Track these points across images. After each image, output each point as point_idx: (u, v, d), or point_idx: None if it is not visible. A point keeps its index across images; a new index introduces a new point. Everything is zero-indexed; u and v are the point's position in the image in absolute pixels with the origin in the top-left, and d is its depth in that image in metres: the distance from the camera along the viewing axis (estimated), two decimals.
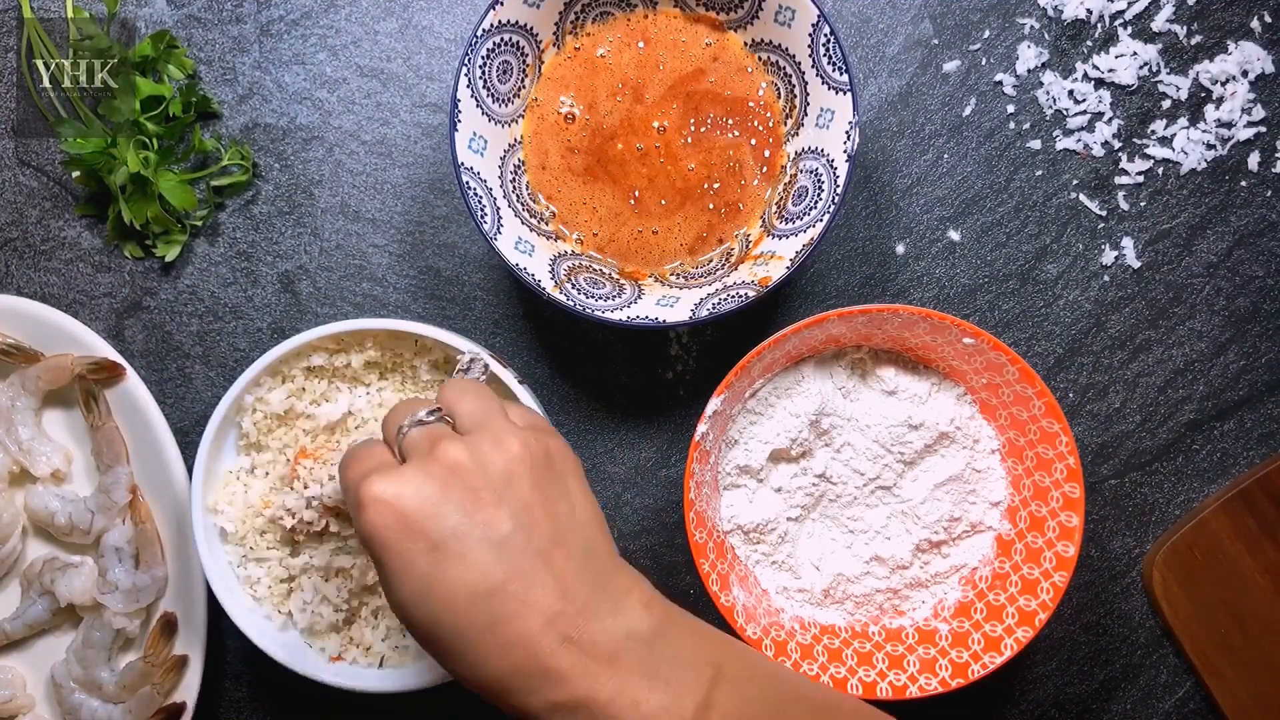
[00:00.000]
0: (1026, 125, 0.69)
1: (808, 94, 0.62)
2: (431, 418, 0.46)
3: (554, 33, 0.64)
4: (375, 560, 0.43)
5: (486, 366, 0.59)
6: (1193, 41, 0.69)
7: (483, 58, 0.60)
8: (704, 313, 0.60)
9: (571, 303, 0.60)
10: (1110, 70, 0.69)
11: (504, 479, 0.43)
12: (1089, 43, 0.69)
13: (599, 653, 0.41)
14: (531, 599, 0.41)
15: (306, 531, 0.61)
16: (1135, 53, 0.69)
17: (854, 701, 0.50)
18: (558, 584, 0.42)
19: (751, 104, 0.64)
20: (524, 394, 0.60)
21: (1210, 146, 0.69)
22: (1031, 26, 0.69)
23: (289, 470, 0.62)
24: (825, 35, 0.60)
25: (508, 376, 0.60)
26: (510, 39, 0.61)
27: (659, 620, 0.43)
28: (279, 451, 0.63)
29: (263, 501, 0.62)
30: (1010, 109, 0.69)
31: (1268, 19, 0.69)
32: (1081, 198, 0.69)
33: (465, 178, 0.60)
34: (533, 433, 0.45)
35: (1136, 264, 0.69)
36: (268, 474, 0.64)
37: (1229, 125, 0.69)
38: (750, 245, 0.64)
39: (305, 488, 0.61)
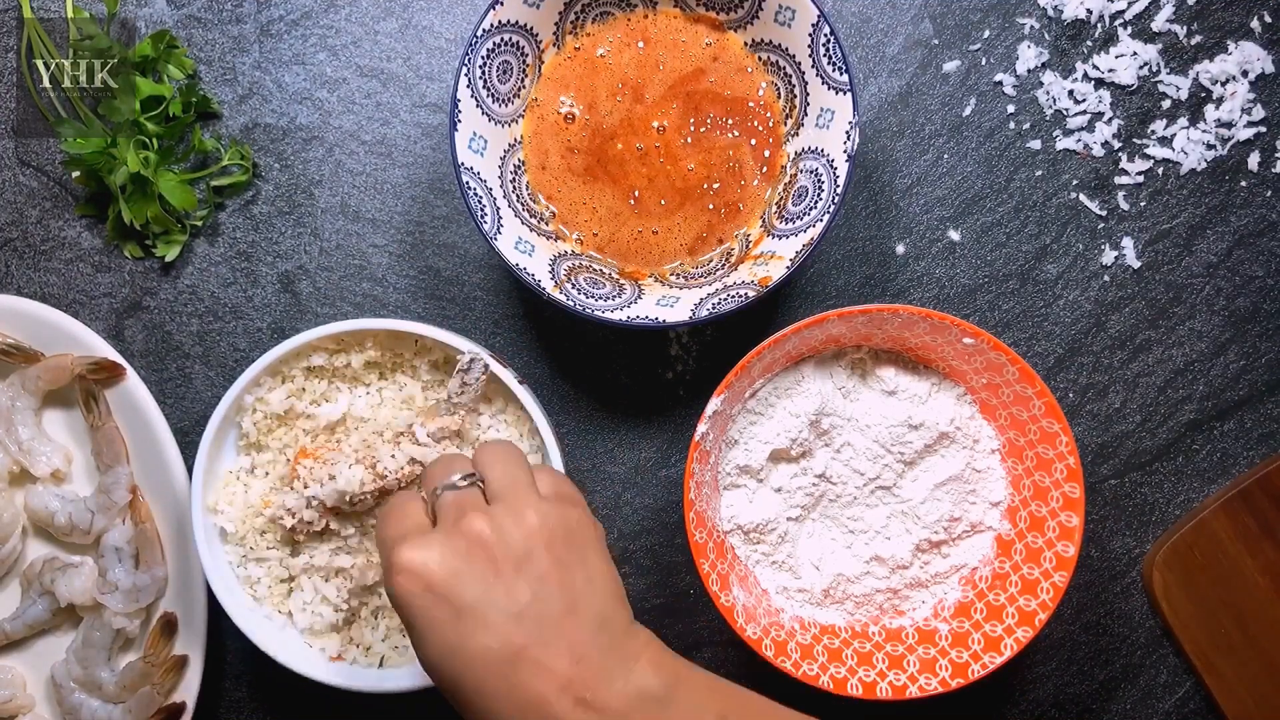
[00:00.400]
0: (1026, 125, 0.69)
1: (808, 94, 0.62)
2: (464, 482, 0.49)
3: (554, 33, 0.64)
4: (404, 621, 0.46)
5: (486, 366, 0.59)
6: (1193, 41, 0.69)
7: (483, 58, 0.60)
8: (704, 313, 0.60)
9: (571, 303, 0.60)
10: (1110, 70, 0.69)
11: (523, 552, 0.46)
12: (1089, 43, 0.69)
13: (611, 713, 0.44)
14: (546, 664, 0.44)
15: (306, 531, 0.62)
16: (1135, 53, 0.69)
17: None
18: (571, 651, 0.44)
19: (751, 104, 0.64)
20: (524, 394, 0.60)
21: (1210, 146, 0.69)
22: (1031, 26, 0.69)
23: (289, 470, 0.62)
24: (825, 35, 0.60)
25: (508, 376, 0.60)
26: (510, 39, 0.61)
27: (669, 678, 0.46)
28: (279, 451, 0.63)
29: (263, 501, 0.63)
30: (1010, 109, 0.69)
31: (1268, 19, 0.69)
32: (1081, 198, 0.69)
33: (465, 178, 0.60)
34: (556, 505, 0.48)
35: (1136, 264, 0.69)
36: (268, 474, 0.64)
37: (1229, 125, 0.69)
38: (750, 245, 0.64)
39: (305, 487, 0.61)
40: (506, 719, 0.44)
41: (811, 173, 0.62)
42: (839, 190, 0.60)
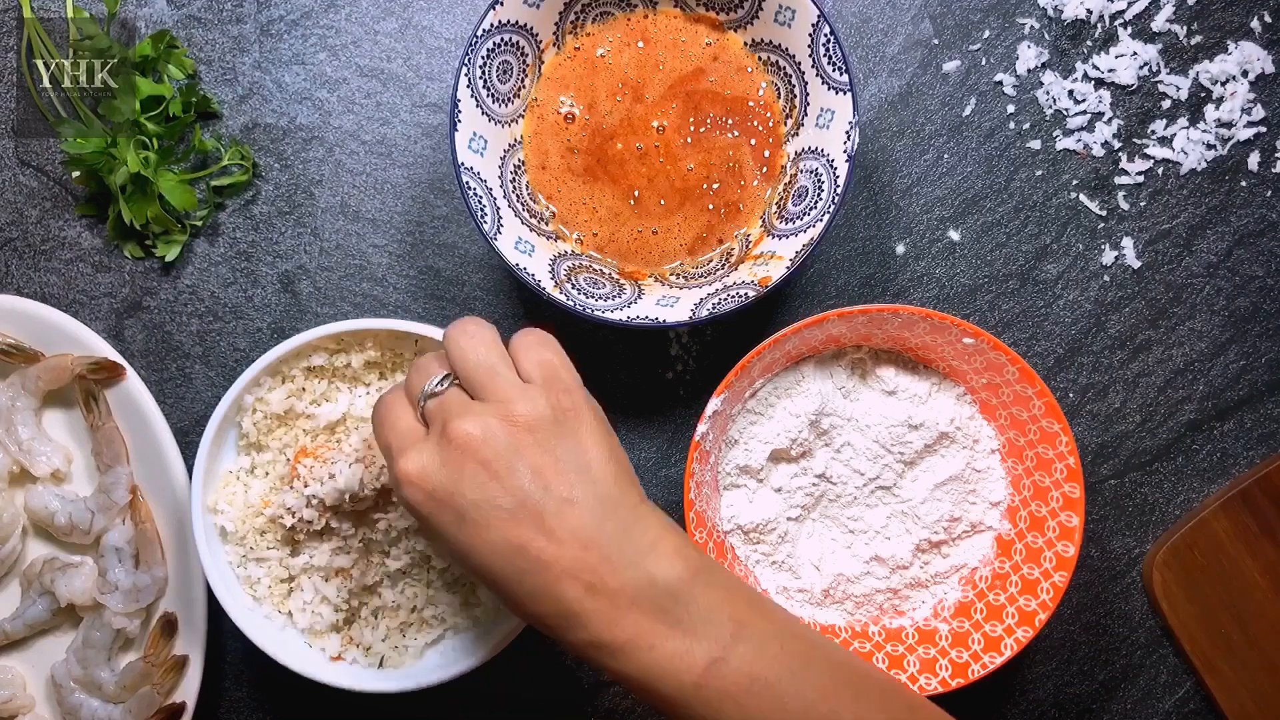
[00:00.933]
0: (1026, 125, 0.69)
1: (808, 94, 0.62)
2: (443, 386, 0.48)
3: (554, 33, 0.63)
4: (419, 524, 0.48)
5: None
6: (1193, 41, 0.69)
7: (483, 58, 0.60)
8: (704, 313, 0.60)
9: (571, 303, 0.60)
10: (1110, 70, 0.69)
11: (512, 448, 0.45)
12: (1089, 43, 0.69)
13: (620, 599, 0.44)
14: (550, 554, 0.44)
15: (307, 530, 0.61)
16: (1135, 53, 0.69)
17: (885, 678, 0.50)
18: (576, 538, 0.44)
19: (751, 104, 0.64)
20: None
21: (1210, 146, 0.69)
22: (1031, 26, 0.69)
23: (289, 469, 0.62)
24: (825, 35, 0.60)
25: None
26: (510, 39, 0.61)
27: (687, 571, 0.45)
28: (279, 451, 0.63)
29: (263, 501, 0.62)
30: (1010, 109, 0.69)
31: (1268, 19, 0.69)
32: (1081, 198, 0.69)
33: (465, 178, 0.60)
34: (543, 390, 0.47)
35: (1136, 264, 0.69)
36: (268, 474, 0.63)
37: (1229, 125, 0.69)
38: (750, 245, 0.64)
39: (305, 486, 0.61)
40: (525, 605, 0.45)
41: (811, 173, 0.62)
42: (839, 190, 0.60)
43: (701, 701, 0.44)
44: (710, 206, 0.65)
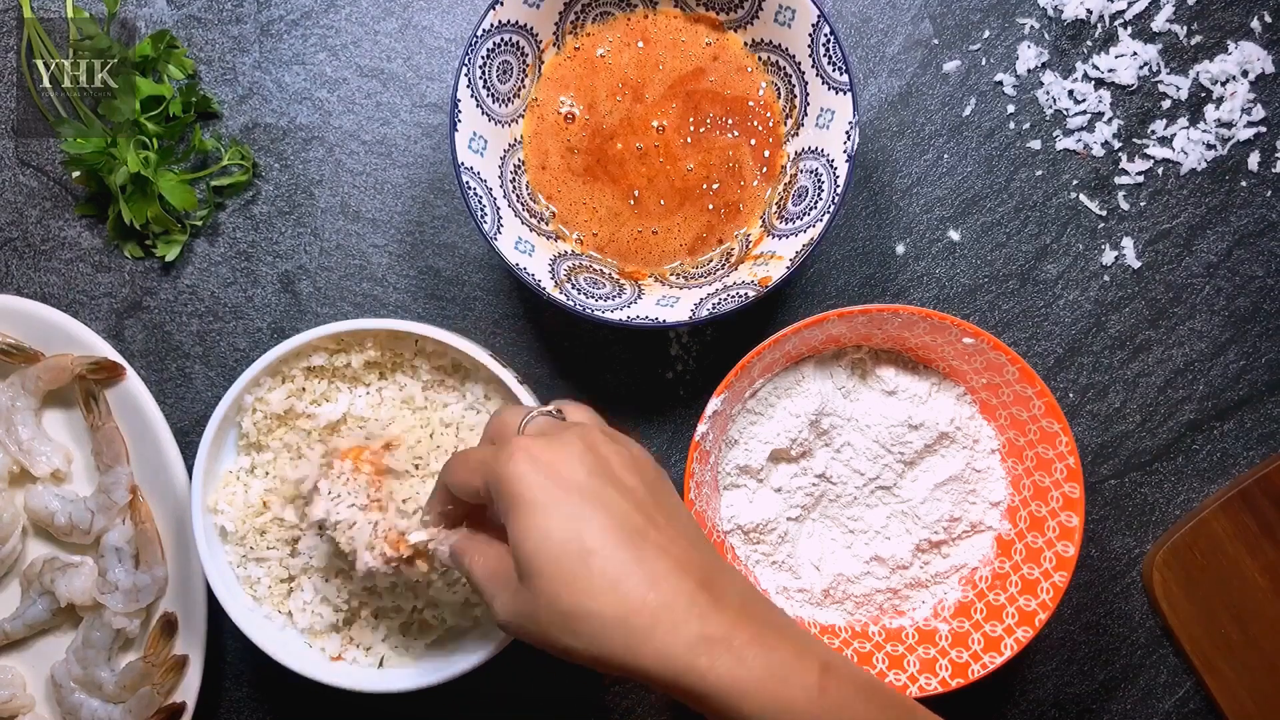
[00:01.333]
0: (1026, 125, 0.69)
1: (808, 94, 0.62)
2: (546, 415, 0.50)
3: (554, 33, 0.63)
4: (510, 503, 0.44)
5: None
6: (1193, 41, 0.69)
7: (483, 58, 0.60)
8: (704, 313, 0.60)
9: (571, 303, 0.60)
10: (1110, 70, 0.69)
11: (627, 459, 0.47)
12: (1089, 43, 0.69)
13: (729, 601, 0.43)
14: (665, 546, 0.44)
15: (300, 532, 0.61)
16: (1135, 53, 0.69)
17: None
18: (685, 540, 0.45)
19: (751, 104, 0.64)
20: (524, 394, 0.60)
21: (1210, 146, 0.69)
22: (1031, 26, 0.69)
23: (324, 466, 0.57)
24: (825, 35, 0.60)
25: (508, 377, 0.60)
26: (510, 39, 0.61)
27: (811, 663, 0.44)
28: (279, 451, 0.63)
29: (262, 501, 0.62)
30: (1010, 109, 0.69)
31: (1268, 19, 0.69)
32: (1081, 198, 0.69)
33: (465, 178, 0.60)
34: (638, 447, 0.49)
35: (1136, 264, 0.69)
36: (268, 474, 0.63)
37: (1229, 125, 0.69)
38: (750, 245, 0.64)
39: (335, 497, 0.56)
40: (637, 588, 0.42)
41: (811, 173, 0.62)
42: (839, 190, 0.60)
43: (824, 709, 0.42)
44: (710, 206, 0.65)
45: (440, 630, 0.63)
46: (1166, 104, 0.69)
